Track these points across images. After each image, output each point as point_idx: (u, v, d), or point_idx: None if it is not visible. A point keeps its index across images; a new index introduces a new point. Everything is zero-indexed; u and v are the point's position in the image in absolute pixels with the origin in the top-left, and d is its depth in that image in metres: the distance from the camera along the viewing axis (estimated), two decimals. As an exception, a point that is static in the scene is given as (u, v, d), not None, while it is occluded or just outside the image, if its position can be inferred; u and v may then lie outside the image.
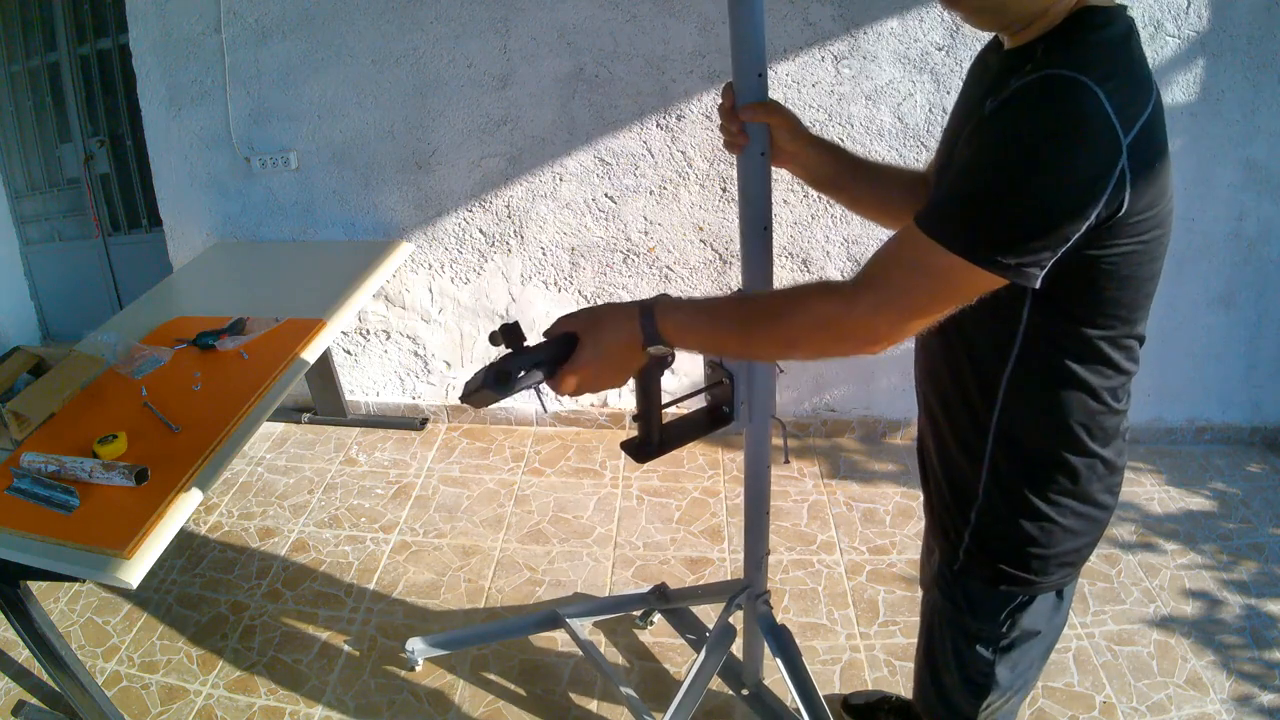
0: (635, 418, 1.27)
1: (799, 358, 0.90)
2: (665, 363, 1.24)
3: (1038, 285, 0.79)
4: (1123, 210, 0.77)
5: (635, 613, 2.00)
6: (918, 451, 1.19)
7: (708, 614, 1.95)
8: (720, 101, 1.12)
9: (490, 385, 1.00)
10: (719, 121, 1.15)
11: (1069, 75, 0.74)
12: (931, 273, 0.79)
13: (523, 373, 1.01)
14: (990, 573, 1.02)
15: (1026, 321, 0.88)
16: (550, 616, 1.88)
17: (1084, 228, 0.76)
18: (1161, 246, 0.84)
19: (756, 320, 0.88)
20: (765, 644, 1.64)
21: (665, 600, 1.89)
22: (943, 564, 1.09)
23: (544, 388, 1.09)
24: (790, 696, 1.56)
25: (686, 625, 1.89)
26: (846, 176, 1.17)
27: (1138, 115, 0.75)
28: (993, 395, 0.94)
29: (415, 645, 1.86)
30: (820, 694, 1.54)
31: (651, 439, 1.28)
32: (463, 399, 1.06)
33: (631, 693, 1.71)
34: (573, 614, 1.88)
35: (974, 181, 0.78)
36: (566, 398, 1.14)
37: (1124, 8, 0.83)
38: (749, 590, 1.57)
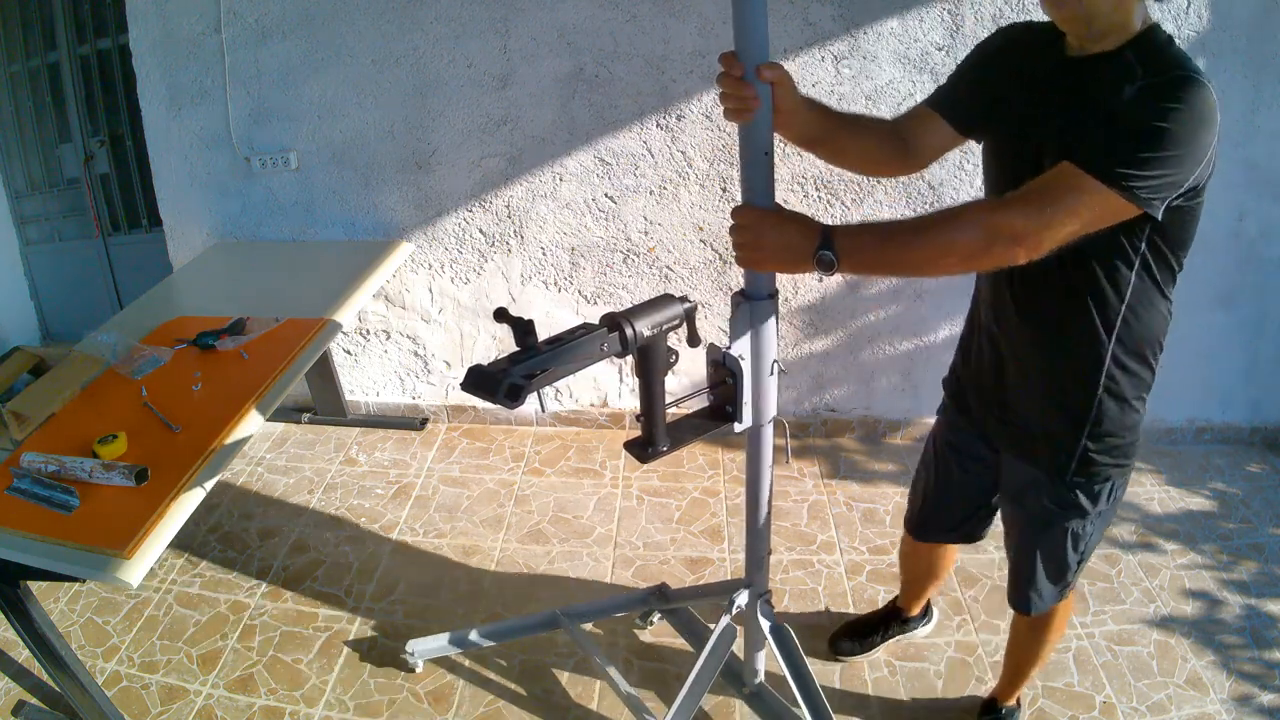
0: (639, 417, 1.27)
1: (953, 264, 1.07)
2: (669, 362, 1.24)
3: (1160, 215, 1.04)
4: (1208, 174, 1.06)
5: (635, 613, 2.00)
6: (968, 402, 1.45)
7: (708, 614, 1.95)
8: (722, 75, 1.13)
9: (503, 401, 1.00)
10: (716, 111, 1.17)
11: (1195, 77, 1.00)
12: (1079, 191, 1.01)
13: (537, 373, 1.01)
14: (1099, 468, 1.30)
15: (1139, 260, 1.16)
16: (551, 618, 1.88)
17: (1192, 180, 1.03)
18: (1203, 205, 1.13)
19: (923, 229, 1.06)
20: (766, 643, 1.65)
21: (665, 600, 1.89)
22: (1054, 480, 1.33)
23: (544, 392, 1.10)
24: (792, 695, 1.56)
25: (686, 625, 1.89)
26: (832, 131, 1.27)
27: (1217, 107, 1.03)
28: (1111, 323, 1.20)
29: (416, 647, 1.86)
30: (822, 693, 1.55)
31: (656, 439, 1.28)
32: (464, 387, 1.06)
33: (632, 691, 1.71)
34: (574, 615, 1.88)
35: (1132, 145, 1.00)
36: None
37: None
38: (751, 589, 1.57)
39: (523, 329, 1.07)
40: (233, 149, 2.61)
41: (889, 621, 1.94)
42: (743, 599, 1.57)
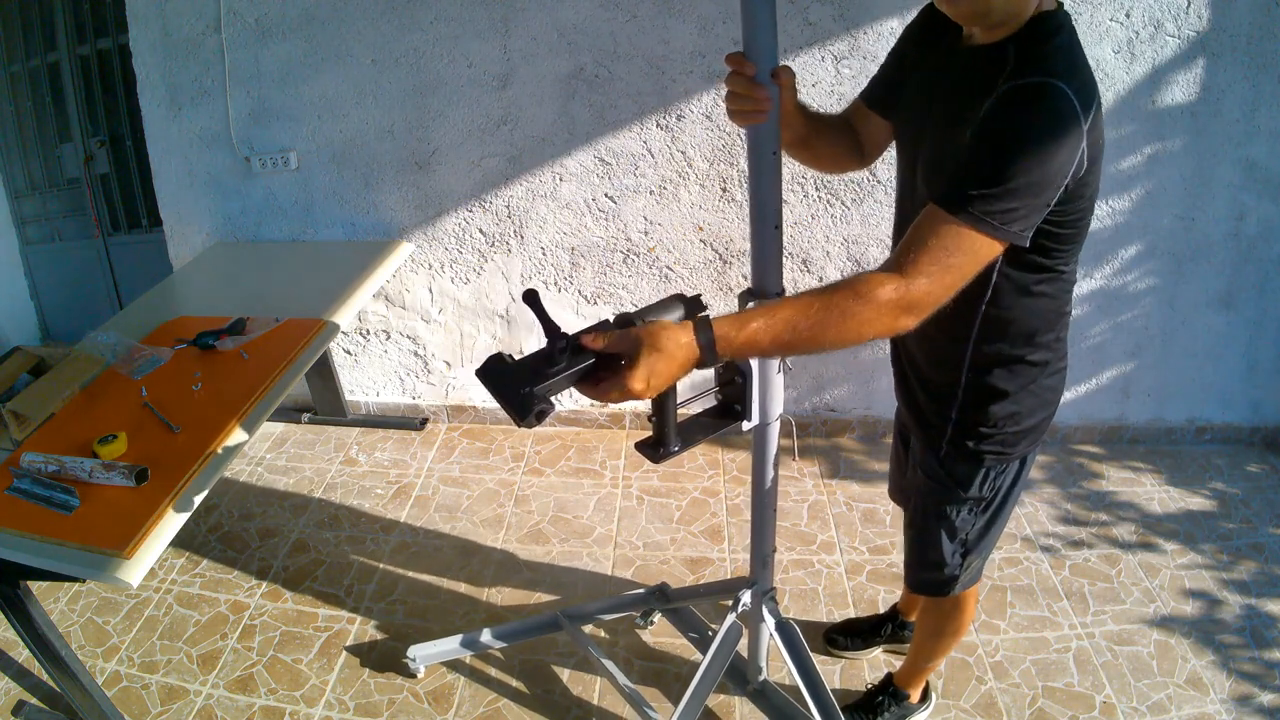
0: (651, 418, 1.26)
1: (861, 341, 1.01)
2: None
3: (1028, 244, 1.03)
4: (1080, 178, 1.03)
5: (636, 613, 2.00)
6: (898, 377, 1.45)
7: (709, 613, 1.95)
8: (732, 74, 1.10)
9: (529, 422, 0.98)
10: (723, 112, 1.15)
11: (1049, 83, 0.96)
12: (965, 250, 0.98)
13: (555, 379, 0.99)
14: (970, 452, 1.31)
15: (1000, 263, 1.11)
16: (551, 620, 1.88)
17: (1058, 196, 1.01)
18: (1094, 197, 1.12)
19: (828, 321, 0.98)
20: (767, 641, 1.65)
21: (667, 600, 1.89)
22: (929, 455, 1.36)
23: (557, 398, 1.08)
24: (799, 692, 1.56)
25: (688, 624, 1.89)
26: (814, 133, 1.27)
27: (1090, 103, 0.99)
28: (972, 319, 1.20)
29: (417, 652, 1.86)
30: (829, 690, 1.55)
31: (667, 439, 1.27)
32: (484, 379, 1.04)
33: (636, 689, 1.71)
34: (575, 617, 1.88)
35: (988, 173, 0.97)
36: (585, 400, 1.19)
37: (1061, 6, 1.05)
38: (756, 587, 1.57)
39: (558, 338, 1.01)
40: (233, 149, 2.61)
41: (887, 624, 1.94)
42: (748, 597, 1.57)
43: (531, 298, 1.08)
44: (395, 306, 2.80)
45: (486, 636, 1.88)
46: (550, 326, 1.05)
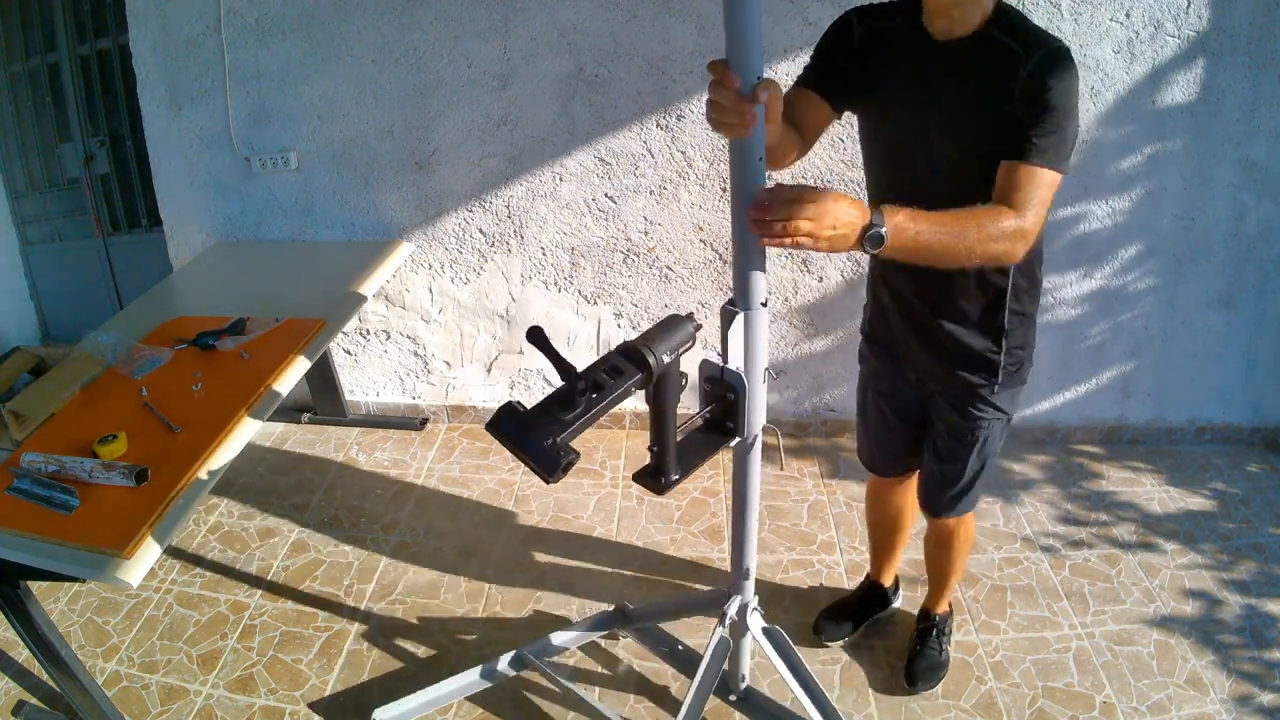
0: (651, 448, 1.23)
1: (977, 262, 1.21)
2: (681, 386, 1.20)
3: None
4: None
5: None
6: (893, 344, 1.59)
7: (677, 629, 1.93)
8: (715, 84, 1.08)
9: (557, 477, 0.95)
10: (707, 113, 1.13)
11: (1066, 47, 1.22)
12: (1049, 186, 1.22)
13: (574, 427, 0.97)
14: (1016, 375, 1.51)
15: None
16: (517, 660, 1.82)
17: None
18: None
19: (964, 230, 1.16)
20: (750, 650, 1.65)
21: (628, 620, 1.87)
22: (980, 390, 1.51)
23: None
24: (790, 696, 1.56)
25: (657, 640, 1.88)
26: (777, 138, 1.29)
27: None
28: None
29: (382, 716, 1.73)
30: (821, 687, 1.55)
31: (668, 468, 1.23)
32: (498, 435, 0.99)
33: (623, 717, 1.70)
34: (539, 652, 1.83)
35: (1050, 125, 1.20)
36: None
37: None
38: (739, 600, 1.57)
39: (576, 379, 0.98)
40: (233, 149, 2.61)
41: (868, 601, 2.02)
42: (734, 610, 1.56)
43: (537, 336, 1.04)
44: (395, 306, 2.80)
45: (448, 692, 1.77)
46: (564, 366, 1.00)
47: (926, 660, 1.86)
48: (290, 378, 1.87)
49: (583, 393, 0.98)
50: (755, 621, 1.59)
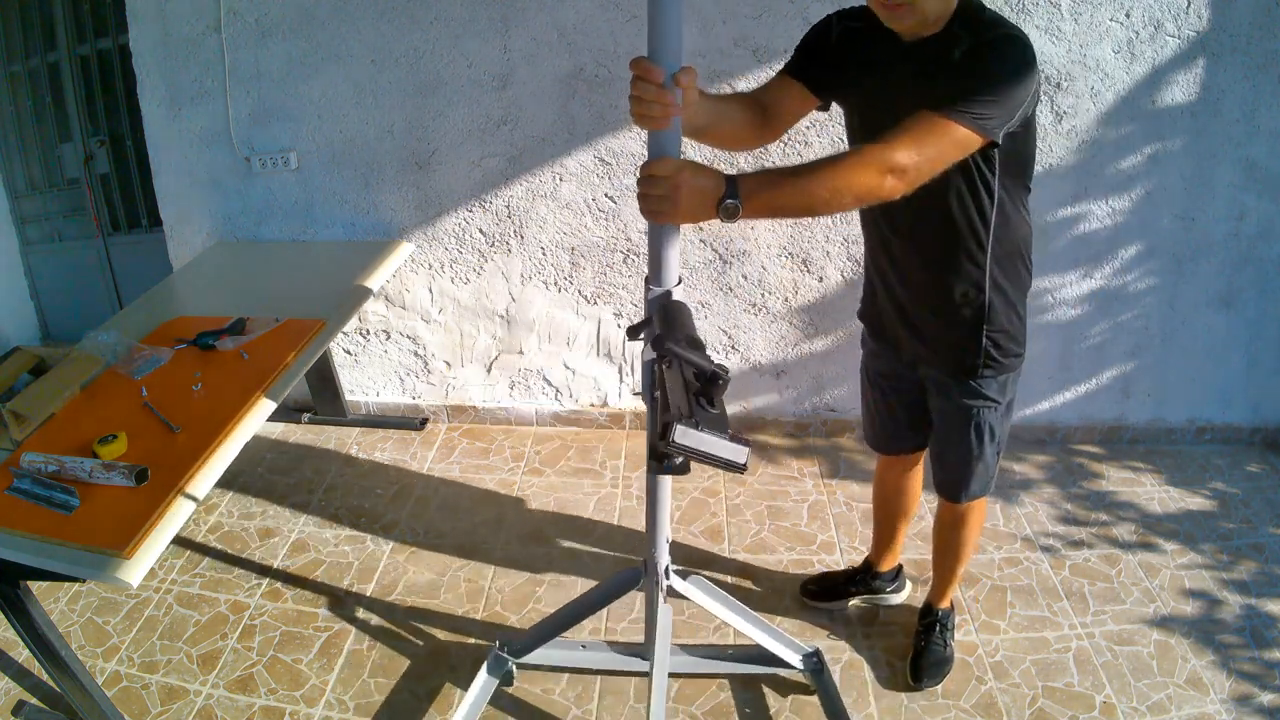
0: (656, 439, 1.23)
1: (848, 201, 1.17)
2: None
3: (999, 140, 1.24)
4: (1034, 107, 1.32)
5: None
6: (883, 328, 1.65)
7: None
8: (638, 79, 1.13)
9: (736, 465, 0.96)
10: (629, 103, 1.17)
11: (1020, 33, 1.25)
12: (943, 134, 1.18)
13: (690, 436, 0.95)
14: (997, 362, 1.52)
15: (998, 190, 1.38)
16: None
17: (1021, 111, 1.25)
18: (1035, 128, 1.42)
19: (821, 170, 1.15)
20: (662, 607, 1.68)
21: (517, 654, 1.83)
22: (961, 383, 1.55)
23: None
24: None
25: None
26: (715, 117, 1.36)
27: (1035, 56, 1.26)
28: (984, 246, 1.43)
29: None
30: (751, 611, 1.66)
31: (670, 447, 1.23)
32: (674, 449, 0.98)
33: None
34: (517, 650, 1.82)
35: (971, 88, 1.20)
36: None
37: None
38: (658, 566, 1.61)
39: (709, 378, 0.99)
40: (233, 149, 2.61)
41: (859, 576, 2.07)
42: (673, 578, 1.64)
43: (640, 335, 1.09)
44: (395, 306, 2.80)
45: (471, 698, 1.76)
46: (698, 368, 1.02)
47: (932, 655, 1.87)
48: (290, 378, 1.87)
49: (711, 380, 1.00)
50: (673, 575, 1.66)
